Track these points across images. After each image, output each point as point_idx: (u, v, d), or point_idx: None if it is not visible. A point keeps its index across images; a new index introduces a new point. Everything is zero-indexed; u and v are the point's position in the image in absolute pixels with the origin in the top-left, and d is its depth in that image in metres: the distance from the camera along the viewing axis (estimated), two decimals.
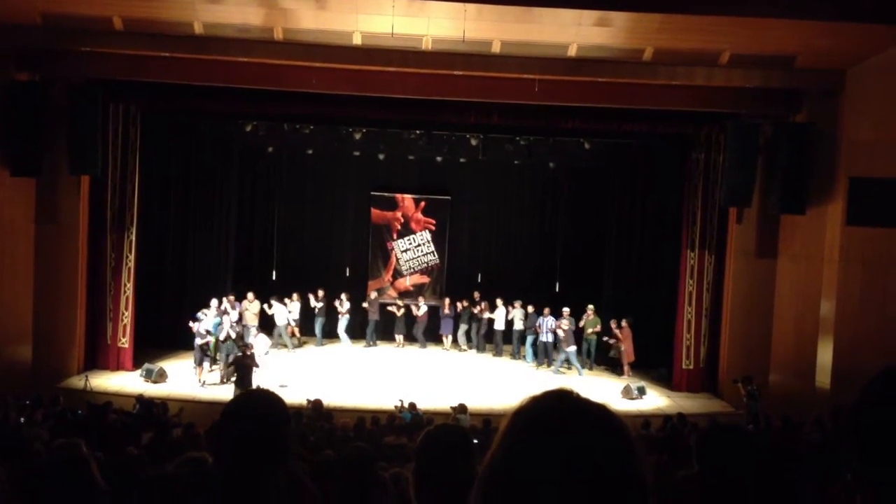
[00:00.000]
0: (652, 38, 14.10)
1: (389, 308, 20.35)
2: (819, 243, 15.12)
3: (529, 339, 19.36)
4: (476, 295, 20.34)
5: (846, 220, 14.19)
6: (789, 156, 15.33)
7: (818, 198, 15.16)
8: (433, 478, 2.47)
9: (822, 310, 14.72)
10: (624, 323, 18.64)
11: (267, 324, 18.94)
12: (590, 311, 18.88)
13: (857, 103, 14.34)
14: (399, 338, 20.42)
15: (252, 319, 18.53)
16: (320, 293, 19.58)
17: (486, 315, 19.91)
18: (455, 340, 20.45)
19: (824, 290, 14.77)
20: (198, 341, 16.52)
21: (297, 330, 19.80)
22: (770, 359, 16.32)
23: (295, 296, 19.49)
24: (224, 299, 18.27)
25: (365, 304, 20.03)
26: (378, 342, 20.38)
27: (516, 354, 19.87)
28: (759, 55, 14.41)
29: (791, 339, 15.78)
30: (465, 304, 20.22)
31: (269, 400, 2.41)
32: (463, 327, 20.35)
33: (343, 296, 19.76)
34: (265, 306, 19.05)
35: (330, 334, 20.07)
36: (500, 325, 19.91)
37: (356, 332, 20.25)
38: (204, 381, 16.22)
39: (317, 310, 19.65)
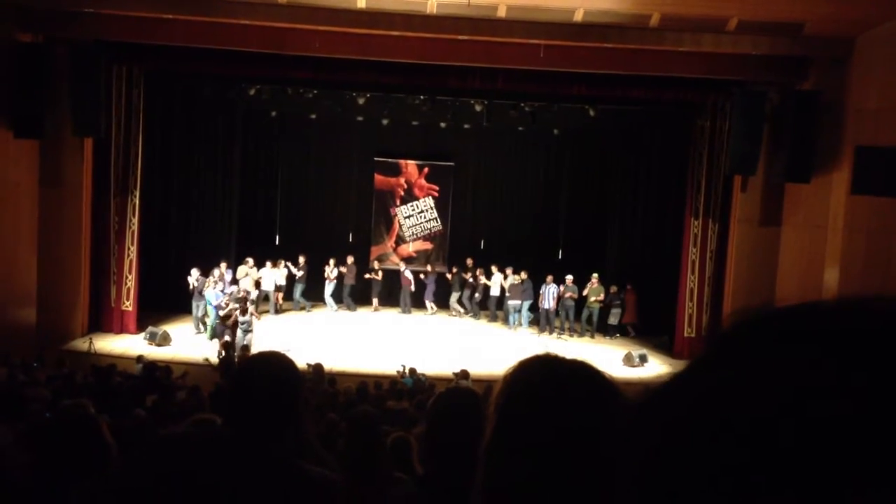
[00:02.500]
0: (659, 3, 13.99)
1: (366, 276, 20.26)
2: (823, 212, 15.10)
3: (525, 305, 19.39)
4: (469, 262, 20.36)
5: (851, 188, 14.15)
6: (795, 124, 15.25)
7: (823, 166, 15.11)
8: (445, 440, 2.47)
9: (825, 279, 14.72)
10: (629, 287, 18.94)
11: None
12: (594, 280, 18.87)
13: (866, 71, 14.24)
14: (375, 301, 20.43)
15: (249, 286, 18.46)
16: (301, 260, 19.57)
17: (483, 281, 19.93)
18: (446, 306, 20.47)
19: (828, 259, 14.77)
20: (220, 313, 16.42)
21: (280, 296, 19.79)
22: None
23: (281, 262, 19.50)
24: (223, 265, 18.27)
25: (343, 269, 19.98)
26: (356, 307, 20.29)
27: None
28: (768, 22, 14.29)
29: None
30: (455, 270, 20.25)
31: (281, 362, 2.41)
32: (455, 294, 20.37)
33: (331, 261, 19.76)
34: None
35: (317, 299, 20.12)
36: (495, 292, 19.94)
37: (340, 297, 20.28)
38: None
39: (297, 276, 19.63)
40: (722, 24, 14.43)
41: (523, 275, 19.13)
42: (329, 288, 19.89)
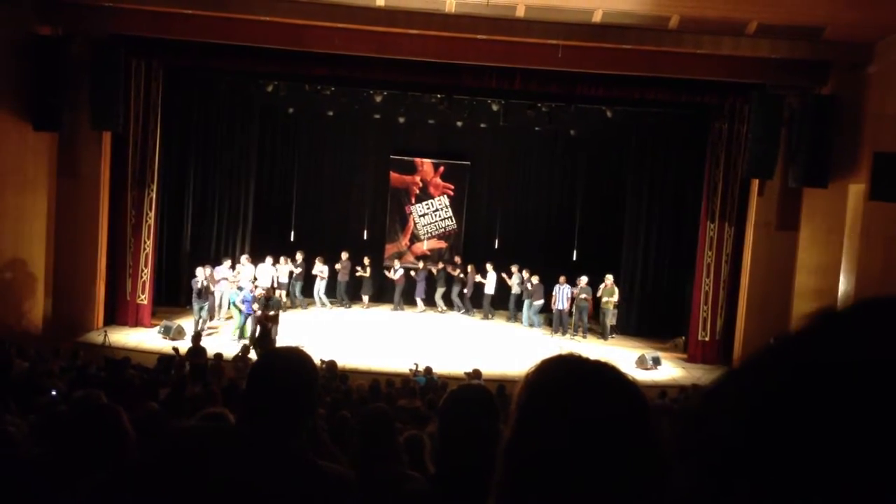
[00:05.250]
0: (679, 5, 13.95)
1: (358, 273, 20.13)
2: (841, 217, 15.01)
3: (527, 304, 19.41)
4: (457, 259, 20.39)
5: (869, 194, 14.07)
6: (814, 128, 15.18)
7: (841, 171, 15.03)
8: (457, 437, 2.47)
9: (841, 285, 14.63)
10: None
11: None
12: (608, 281, 18.80)
13: (885, 77, 14.15)
14: (365, 298, 20.41)
15: (245, 283, 18.23)
16: (298, 257, 19.55)
17: (477, 279, 19.96)
18: (433, 303, 20.48)
19: (845, 265, 14.69)
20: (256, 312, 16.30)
21: (283, 294, 19.67)
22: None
23: (283, 259, 19.39)
24: (226, 262, 18.26)
25: (337, 266, 19.91)
26: (350, 304, 20.31)
27: (513, 318, 20.01)
28: (787, 26, 14.23)
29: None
30: (441, 266, 20.33)
31: (298, 358, 2.41)
32: (440, 290, 20.39)
33: (318, 259, 19.70)
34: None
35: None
36: (490, 290, 19.95)
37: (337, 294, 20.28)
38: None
39: (295, 274, 19.55)
40: (741, 26, 14.37)
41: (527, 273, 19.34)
42: (321, 285, 19.86)
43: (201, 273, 17.23)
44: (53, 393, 8.34)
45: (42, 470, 3.27)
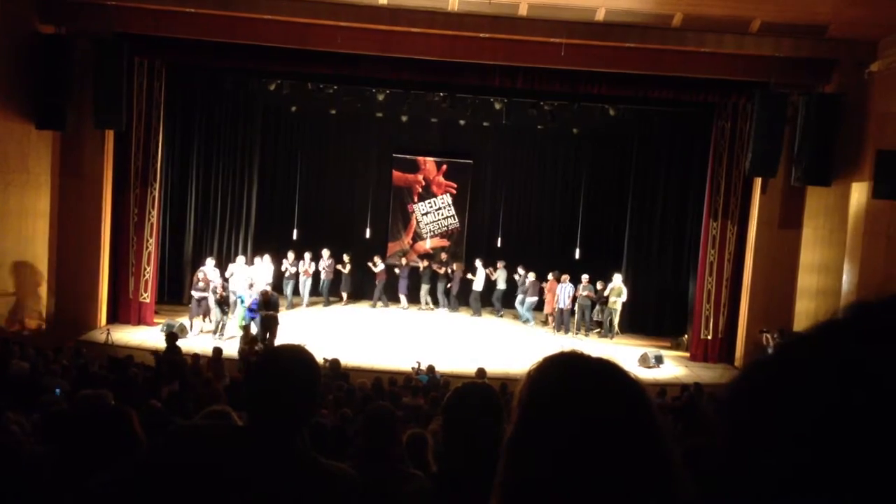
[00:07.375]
0: (682, 3, 13.95)
1: (338, 267, 19.99)
2: (844, 216, 14.99)
3: (520, 299, 19.44)
4: (444, 256, 20.44)
5: (872, 192, 14.05)
6: (817, 126, 15.16)
7: (844, 170, 15.01)
8: (460, 434, 2.47)
9: (845, 283, 14.61)
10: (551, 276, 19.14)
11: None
12: (616, 281, 18.74)
13: (889, 75, 14.12)
14: (344, 295, 20.36)
15: (241, 283, 17.69)
16: (290, 256, 19.50)
17: (468, 276, 20.01)
18: (417, 300, 20.48)
19: (848, 264, 14.67)
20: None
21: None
22: (791, 331, 16.24)
23: (267, 257, 19.13)
24: (210, 261, 18.17)
25: (321, 265, 19.89)
26: (331, 301, 20.25)
27: (500, 313, 20.12)
28: (791, 24, 14.22)
29: (813, 313, 15.69)
30: (427, 263, 20.40)
31: (302, 356, 2.41)
32: (424, 287, 20.41)
33: (306, 255, 19.64)
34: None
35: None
36: (478, 286, 19.99)
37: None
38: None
39: (288, 273, 19.47)
40: (745, 25, 14.35)
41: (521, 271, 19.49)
42: (306, 281, 19.76)
43: (216, 278, 17.20)
44: (57, 392, 8.35)
45: (46, 468, 3.28)
